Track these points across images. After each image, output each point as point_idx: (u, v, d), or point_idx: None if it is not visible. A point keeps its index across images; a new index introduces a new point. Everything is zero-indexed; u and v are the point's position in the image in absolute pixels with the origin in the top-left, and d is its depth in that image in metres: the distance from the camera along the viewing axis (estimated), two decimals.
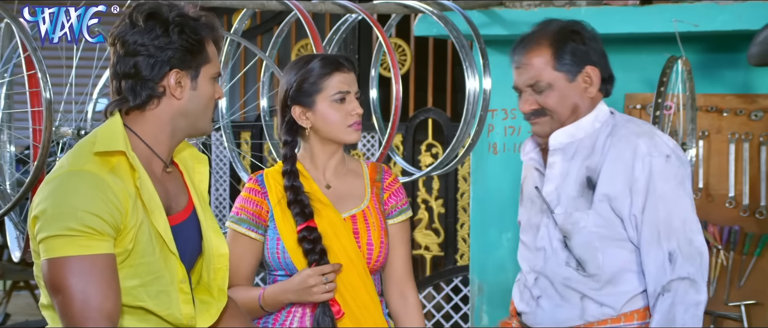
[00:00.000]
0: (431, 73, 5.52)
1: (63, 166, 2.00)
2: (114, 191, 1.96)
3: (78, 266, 1.92)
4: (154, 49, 2.00)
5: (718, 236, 3.96)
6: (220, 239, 2.17)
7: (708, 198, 3.99)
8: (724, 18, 3.67)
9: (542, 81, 2.44)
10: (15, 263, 4.86)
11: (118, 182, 1.98)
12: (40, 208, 1.96)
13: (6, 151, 2.94)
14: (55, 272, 1.93)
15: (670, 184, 2.36)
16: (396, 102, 3.25)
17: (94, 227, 1.93)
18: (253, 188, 2.55)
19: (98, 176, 1.96)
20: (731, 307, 3.92)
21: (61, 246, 1.93)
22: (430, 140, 5.48)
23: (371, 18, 3.24)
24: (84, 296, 1.92)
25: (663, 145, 2.40)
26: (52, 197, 1.95)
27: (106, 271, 1.94)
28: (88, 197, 1.93)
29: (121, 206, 1.97)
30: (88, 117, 2.94)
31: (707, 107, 3.98)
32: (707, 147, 4.00)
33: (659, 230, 2.36)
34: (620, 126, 2.46)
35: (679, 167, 2.38)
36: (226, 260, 2.18)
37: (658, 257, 2.37)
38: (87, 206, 1.93)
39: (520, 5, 3.99)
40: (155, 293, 2.03)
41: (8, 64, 2.88)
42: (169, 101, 2.05)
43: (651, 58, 3.93)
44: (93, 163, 1.98)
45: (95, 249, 1.93)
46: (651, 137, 2.41)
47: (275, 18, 5.44)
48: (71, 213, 1.92)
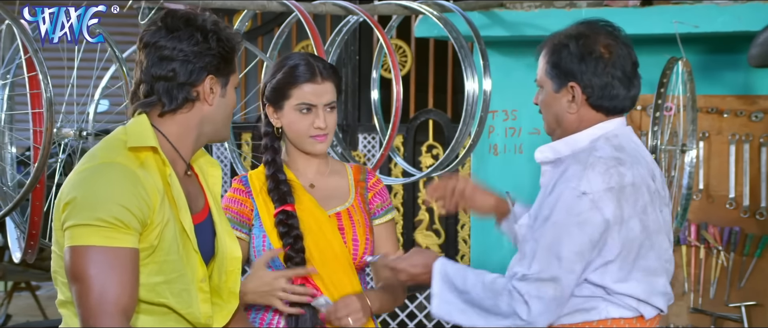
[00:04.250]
0: (432, 74, 5.52)
1: (94, 157, 2.02)
2: (144, 186, 1.98)
3: (100, 256, 1.94)
4: (193, 54, 2.04)
5: (719, 237, 3.96)
6: (233, 242, 2.20)
7: (708, 199, 3.99)
8: (724, 19, 3.67)
9: (539, 80, 2.45)
10: (16, 264, 4.86)
11: (148, 177, 2.01)
12: (71, 196, 1.97)
13: (7, 153, 2.94)
14: (77, 260, 1.95)
15: (571, 219, 2.25)
16: (397, 103, 3.25)
17: (122, 220, 1.95)
18: (237, 188, 2.57)
19: (130, 170, 1.99)
20: (732, 308, 3.92)
21: (86, 235, 1.94)
22: (431, 141, 5.48)
23: (372, 19, 3.24)
24: (102, 287, 1.93)
25: (588, 182, 2.26)
26: (84, 187, 1.97)
27: (127, 265, 1.96)
28: (120, 190, 1.96)
29: (150, 201, 1.99)
30: (90, 118, 2.94)
31: (708, 108, 3.98)
32: (708, 148, 4.00)
33: (536, 252, 2.27)
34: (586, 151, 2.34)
35: (589, 209, 2.25)
36: (238, 263, 2.20)
37: (522, 265, 2.29)
38: (118, 198, 1.95)
39: (520, 6, 3.99)
40: (178, 290, 2.05)
41: (10, 65, 2.89)
42: (201, 106, 2.09)
43: (651, 59, 3.92)
44: (124, 156, 2.01)
45: (120, 242, 1.95)
46: (585, 169, 2.28)
47: (276, 19, 5.44)
48: (102, 204, 1.94)
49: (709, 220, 3.99)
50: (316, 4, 3.35)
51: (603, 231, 2.28)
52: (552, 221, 2.28)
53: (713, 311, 3.92)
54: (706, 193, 3.99)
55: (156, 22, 2.07)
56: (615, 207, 2.28)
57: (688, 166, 3.65)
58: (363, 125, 5.54)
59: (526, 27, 3.95)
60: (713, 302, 3.96)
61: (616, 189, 2.28)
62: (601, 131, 2.39)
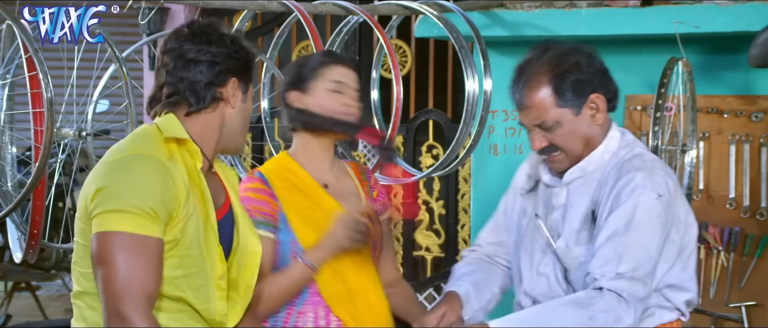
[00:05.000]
0: (432, 74, 5.52)
1: (122, 149, 2.07)
2: (173, 179, 2.03)
3: (129, 242, 1.97)
4: (221, 56, 2.12)
5: (719, 238, 3.96)
6: (254, 237, 2.23)
7: (708, 199, 3.99)
8: (724, 19, 3.67)
9: (548, 120, 2.33)
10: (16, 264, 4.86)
11: (176, 170, 2.05)
12: (102, 183, 2.01)
13: (7, 153, 2.94)
14: (105, 245, 1.97)
15: (652, 221, 2.26)
16: (397, 103, 3.25)
17: (154, 209, 1.99)
18: (260, 188, 2.47)
19: (161, 161, 2.03)
20: (732, 308, 3.92)
21: (117, 221, 1.97)
22: (431, 141, 5.48)
23: (372, 19, 3.24)
24: (129, 272, 1.96)
25: (659, 185, 2.28)
26: (117, 175, 2.01)
27: (154, 254, 1.99)
28: (152, 180, 2.00)
29: (178, 193, 2.03)
30: (89, 118, 2.94)
31: (708, 109, 3.98)
32: (708, 148, 4.00)
33: (622, 254, 2.24)
34: (627, 161, 2.34)
35: (665, 210, 2.27)
36: (258, 258, 2.22)
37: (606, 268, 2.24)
38: (150, 188, 1.99)
39: (520, 6, 3.99)
40: (197, 285, 2.07)
41: (10, 65, 2.89)
42: (224, 108, 2.15)
43: (651, 59, 3.93)
44: (155, 148, 2.05)
45: (149, 230, 1.98)
46: (651, 174, 2.29)
47: (276, 19, 5.44)
48: (136, 192, 1.98)
49: (710, 220, 3.99)
50: (316, 4, 3.35)
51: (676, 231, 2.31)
52: (634, 225, 2.25)
53: (713, 312, 3.91)
54: (706, 193, 3.99)
55: (182, 28, 2.16)
56: (682, 206, 2.34)
57: (689, 166, 3.65)
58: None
59: (527, 27, 3.95)
60: (713, 302, 3.96)
61: (677, 189, 2.34)
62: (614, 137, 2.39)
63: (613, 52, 4.15)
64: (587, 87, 2.33)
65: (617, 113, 4.18)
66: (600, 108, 2.35)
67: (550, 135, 2.34)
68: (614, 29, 3.85)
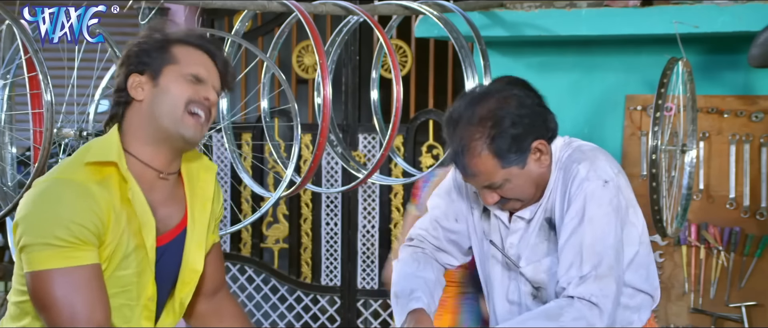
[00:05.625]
0: (432, 74, 5.52)
1: (52, 172, 2.01)
2: (98, 202, 1.95)
3: (63, 278, 1.91)
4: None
5: (719, 238, 3.96)
6: (199, 255, 2.15)
7: (708, 199, 3.99)
8: (724, 19, 3.67)
9: (496, 181, 2.27)
10: None
11: (105, 193, 1.97)
12: (22, 213, 1.95)
13: (7, 153, 2.94)
14: (40, 286, 1.92)
15: (603, 209, 2.21)
16: (397, 103, 3.25)
17: (79, 237, 1.92)
18: None
19: (83, 185, 1.95)
20: (732, 308, 3.92)
21: (45, 258, 1.91)
22: (431, 141, 5.48)
23: (372, 19, 3.24)
24: (72, 309, 1.91)
25: (603, 170, 2.24)
26: (36, 204, 1.94)
27: (92, 281, 1.93)
28: (73, 207, 1.93)
29: (105, 217, 1.96)
30: (90, 119, 2.93)
31: (708, 109, 3.98)
32: (708, 148, 4.00)
33: (582, 252, 2.20)
34: (566, 156, 2.30)
35: (616, 195, 2.23)
36: (196, 276, 2.15)
37: (570, 273, 2.21)
38: (72, 216, 1.92)
39: (520, 7, 3.98)
40: (118, 305, 2.02)
41: (10, 65, 2.88)
42: (135, 106, 2.08)
43: (651, 59, 3.93)
44: (82, 173, 1.98)
45: (80, 260, 1.92)
46: (592, 162, 2.25)
47: (276, 19, 5.44)
48: (56, 222, 1.91)
49: (710, 220, 3.98)
50: (316, 4, 3.35)
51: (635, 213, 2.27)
52: (587, 218, 2.21)
53: (713, 312, 3.91)
54: (706, 193, 3.99)
55: None
56: (629, 190, 2.29)
57: (689, 166, 3.64)
58: (363, 125, 5.54)
59: (527, 27, 3.95)
60: (713, 303, 3.96)
61: (621, 172, 2.29)
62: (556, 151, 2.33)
63: (613, 52, 4.16)
64: (526, 139, 2.25)
65: (617, 114, 4.20)
66: (544, 151, 2.29)
67: (501, 191, 2.29)
68: (614, 29, 3.84)
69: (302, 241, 5.70)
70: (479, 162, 2.24)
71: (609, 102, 4.18)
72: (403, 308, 2.34)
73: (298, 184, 3.17)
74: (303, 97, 5.78)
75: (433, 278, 2.43)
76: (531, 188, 2.30)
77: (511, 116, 2.24)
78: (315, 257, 5.66)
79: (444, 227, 2.49)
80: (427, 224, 2.51)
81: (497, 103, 2.25)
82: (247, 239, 5.76)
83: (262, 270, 5.71)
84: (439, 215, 2.49)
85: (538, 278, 2.32)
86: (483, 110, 2.24)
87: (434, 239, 2.50)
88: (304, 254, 5.70)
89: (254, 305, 5.72)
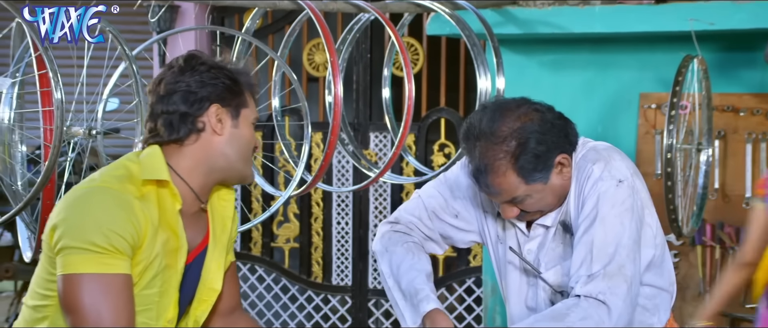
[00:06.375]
0: (444, 72, 5.49)
1: (94, 179, 2.02)
2: (137, 216, 1.97)
3: (94, 284, 1.93)
4: (195, 84, 2.05)
5: (735, 237, 3.92)
6: (218, 274, 2.17)
7: (724, 198, 3.96)
8: (740, 16, 3.64)
9: (519, 196, 2.24)
10: (26, 263, 4.85)
11: (145, 210, 1.99)
12: (62, 217, 1.97)
13: (17, 151, 2.93)
14: (71, 289, 1.94)
15: (617, 209, 2.18)
16: (408, 101, 3.23)
17: (115, 246, 1.94)
18: None
19: (126, 198, 1.98)
20: (748, 309, 3.88)
21: (79, 262, 1.93)
22: (443, 140, 5.45)
23: (384, 17, 3.22)
24: (98, 315, 1.92)
25: (617, 170, 2.21)
26: (77, 209, 1.96)
27: (122, 290, 1.95)
28: (113, 215, 1.95)
29: (142, 232, 1.98)
30: (99, 117, 2.92)
31: (723, 107, 3.94)
32: (723, 147, 3.97)
33: (592, 252, 2.17)
34: (580, 156, 2.27)
35: (631, 194, 2.19)
36: (214, 295, 2.17)
37: (579, 272, 2.18)
38: (111, 224, 1.94)
39: (533, 4, 3.96)
40: (140, 323, 2.03)
41: (20, 63, 2.87)
42: (209, 138, 2.07)
43: (666, 57, 3.90)
44: (124, 184, 2.00)
45: (113, 268, 1.94)
46: (607, 162, 2.22)
47: (287, 17, 5.42)
48: (95, 228, 1.93)
49: (725, 219, 3.95)
50: (327, 2, 3.33)
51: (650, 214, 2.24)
52: (599, 218, 2.18)
53: (730, 313, 3.88)
54: (721, 192, 3.95)
55: (170, 62, 2.10)
56: (644, 191, 2.25)
57: (704, 165, 3.62)
58: (374, 124, 5.52)
59: (539, 25, 3.92)
60: (730, 303, 3.92)
61: (637, 173, 2.26)
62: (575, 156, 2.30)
63: (627, 50, 4.13)
64: (550, 157, 2.22)
65: (631, 112, 4.17)
66: (566, 164, 2.25)
67: (522, 205, 2.26)
68: (628, 27, 3.81)
69: (313, 240, 5.68)
70: (503, 181, 2.21)
71: (623, 100, 4.15)
72: (414, 309, 2.31)
73: (309, 183, 3.15)
74: (314, 95, 5.76)
75: (429, 269, 2.40)
76: (553, 200, 2.28)
77: (536, 135, 2.20)
78: (326, 256, 5.65)
79: (440, 219, 2.45)
80: (421, 213, 2.46)
81: (520, 121, 2.21)
82: (257, 239, 5.75)
83: (272, 270, 5.70)
84: (437, 207, 2.45)
85: (560, 281, 2.29)
86: (505, 128, 2.20)
87: (427, 228, 2.46)
88: (315, 253, 5.68)
89: (265, 305, 5.71)
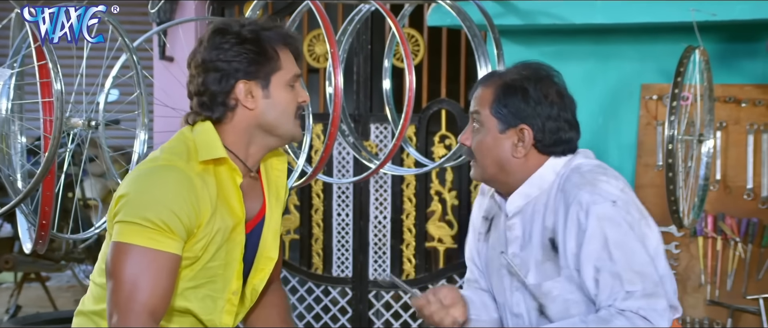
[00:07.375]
0: (445, 63, 5.48)
1: (156, 158, 2.06)
2: (198, 196, 2.01)
3: (139, 256, 1.97)
4: (221, 63, 2.06)
5: (736, 229, 3.92)
6: (275, 243, 2.20)
7: (726, 190, 3.95)
8: (742, 7, 3.63)
9: (480, 114, 2.30)
10: (26, 254, 4.85)
11: (206, 188, 2.03)
12: (124, 191, 2.02)
13: (17, 142, 2.92)
14: (117, 256, 1.99)
15: (622, 228, 2.20)
16: (409, 93, 3.22)
17: (169, 225, 1.98)
18: None
19: (188, 177, 2.01)
20: (749, 300, 3.88)
21: (130, 233, 1.98)
22: (444, 131, 5.44)
23: (384, 8, 3.20)
24: (133, 286, 1.96)
25: (606, 192, 2.22)
26: (139, 184, 2.01)
27: (164, 269, 1.98)
28: (173, 194, 1.99)
29: (201, 211, 2.01)
30: (100, 108, 2.92)
31: (725, 98, 3.93)
32: (725, 138, 3.96)
33: (621, 278, 2.17)
34: (566, 179, 2.27)
35: (628, 211, 2.21)
36: (271, 264, 2.20)
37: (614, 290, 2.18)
38: (170, 203, 1.98)
39: None
40: (203, 295, 2.08)
41: (18, 54, 2.86)
42: (244, 113, 2.09)
43: (668, 48, 3.89)
44: (187, 162, 2.03)
45: (162, 245, 1.98)
46: (594, 185, 2.22)
47: (287, 8, 5.40)
48: (152, 205, 1.98)
49: (727, 211, 3.95)
50: None
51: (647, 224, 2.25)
52: (612, 245, 2.19)
53: (730, 304, 3.88)
54: (723, 183, 3.95)
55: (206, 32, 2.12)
56: (638, 203, 2.27)
57: (705, 156, 3.61)
58: (375, 115, 5.50)
59: (541, 16, 3.91)
60: (730, 295, 3.92)
61: (627, 189, 2.26)
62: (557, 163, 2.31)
63: (628, 41, 4.12)
64: (519, 116, 2.27)
65: (632, 103, 4.16)
66: (524, 140, 2.28)
67: (474, 136, 2.32)
68: (630, 17, 3.80)
69: (313, 232, 5.67)
70: (487, 88, 2.32)
71: (624, 91, 4.15)
72: None
73: (310, 174, 3.14)
74: (314, 86, 5.75)
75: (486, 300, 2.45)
76: (491, 161, 2.30)
77: (538, 95, 2.28)
78: (326, 248, 5.64)
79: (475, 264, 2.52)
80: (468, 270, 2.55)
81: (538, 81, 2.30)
82: None
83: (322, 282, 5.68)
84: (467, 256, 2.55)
85: (539, 297, 2.30)
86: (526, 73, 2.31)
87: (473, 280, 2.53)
88: (315, 245, 5.68)
89: None
